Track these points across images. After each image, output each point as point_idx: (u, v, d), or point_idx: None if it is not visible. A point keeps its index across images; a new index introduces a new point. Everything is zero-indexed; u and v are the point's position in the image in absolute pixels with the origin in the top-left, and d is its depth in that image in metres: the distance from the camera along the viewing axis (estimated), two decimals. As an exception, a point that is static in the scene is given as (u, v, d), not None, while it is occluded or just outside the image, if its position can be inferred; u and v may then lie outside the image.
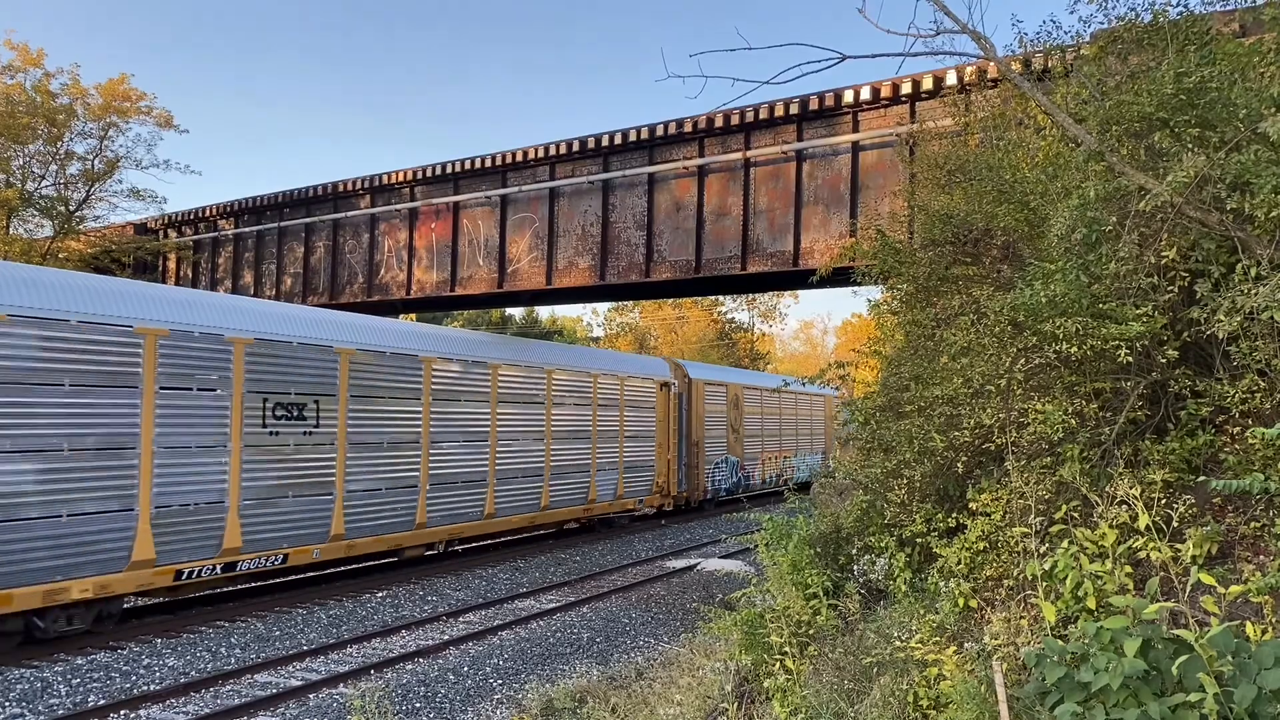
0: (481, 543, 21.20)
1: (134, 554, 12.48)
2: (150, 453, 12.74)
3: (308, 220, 23.33)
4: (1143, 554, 5.08)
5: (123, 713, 9.90)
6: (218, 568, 13.67)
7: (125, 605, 13.36)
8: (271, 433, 14.57)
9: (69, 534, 11.78)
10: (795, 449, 36.87)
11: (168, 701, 10.31)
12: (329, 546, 15.55)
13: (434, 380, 17.96)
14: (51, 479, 11.64)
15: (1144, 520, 5.05)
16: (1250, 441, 5.41)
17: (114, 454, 12.35)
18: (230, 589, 15.43)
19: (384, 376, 16.78)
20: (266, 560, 14.42)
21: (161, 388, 12.95)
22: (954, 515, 7.01)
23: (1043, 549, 5.58)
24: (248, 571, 14.25)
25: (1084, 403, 6.16)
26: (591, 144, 18.50)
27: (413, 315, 36.82)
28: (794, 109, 16.24)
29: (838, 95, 15.83)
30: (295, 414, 15.04)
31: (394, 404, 17.03)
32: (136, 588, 12.66)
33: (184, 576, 13.19)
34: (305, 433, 15.18)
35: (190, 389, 13.39)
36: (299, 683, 10.96)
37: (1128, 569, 5.06)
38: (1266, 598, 4.47)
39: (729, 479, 30.73)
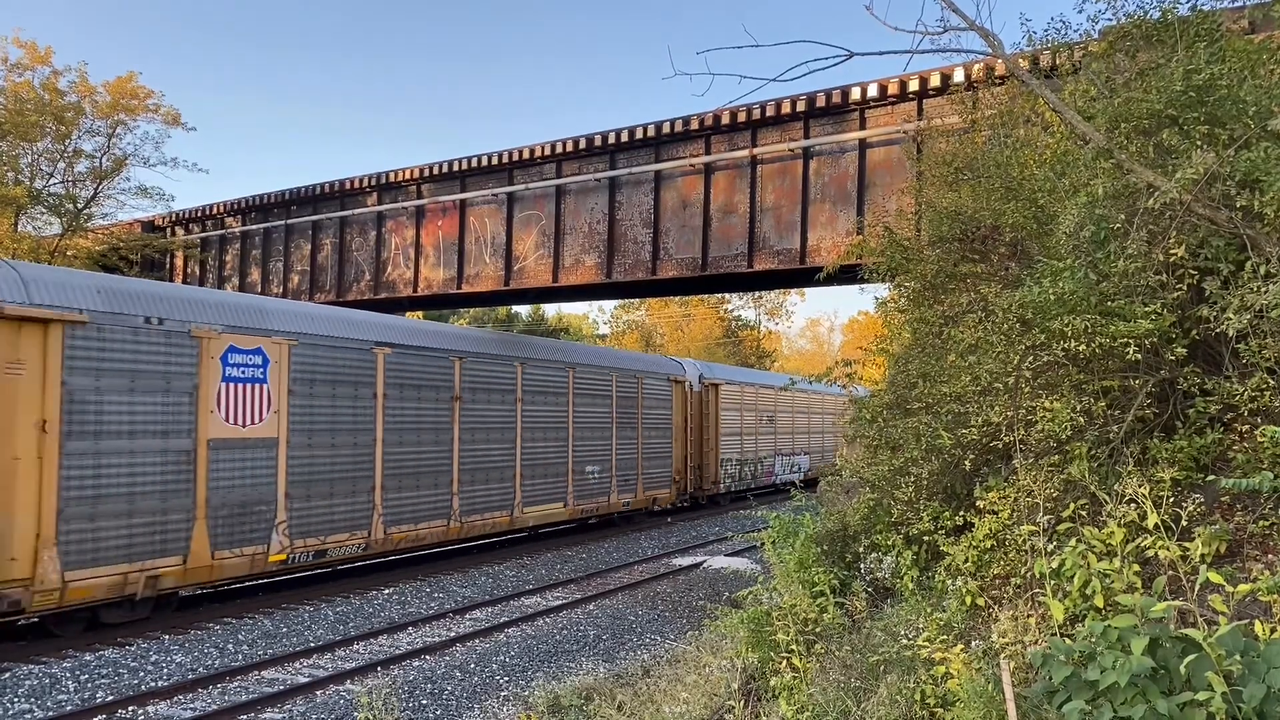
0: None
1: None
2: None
3: (314, 218, 23.36)
4: (1151, 553, 5.06)
5: (130, 709, 9.93)
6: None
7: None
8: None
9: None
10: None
11: (175, 698, 10.35)
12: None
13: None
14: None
15: (1152, 519, 5.03)
16: (1259, 440, 5.39)
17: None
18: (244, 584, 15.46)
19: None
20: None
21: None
22: (961, 513, 7.00)
23: (1050, 547, 5.56)
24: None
25: (1092, 401, 6.14)
26: (598, 142, 18.49)
27: (419, 313, 36.86)
28: (801, 106, 16.21)
29: (845, 92, 15.79)
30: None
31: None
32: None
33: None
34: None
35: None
36: (306, 680, 10.99)
37: (1136, 568, 5.04)
38: (1275, 596, 4.45)
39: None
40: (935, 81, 14.65)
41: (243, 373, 14.02)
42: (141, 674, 11.08)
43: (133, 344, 12.51)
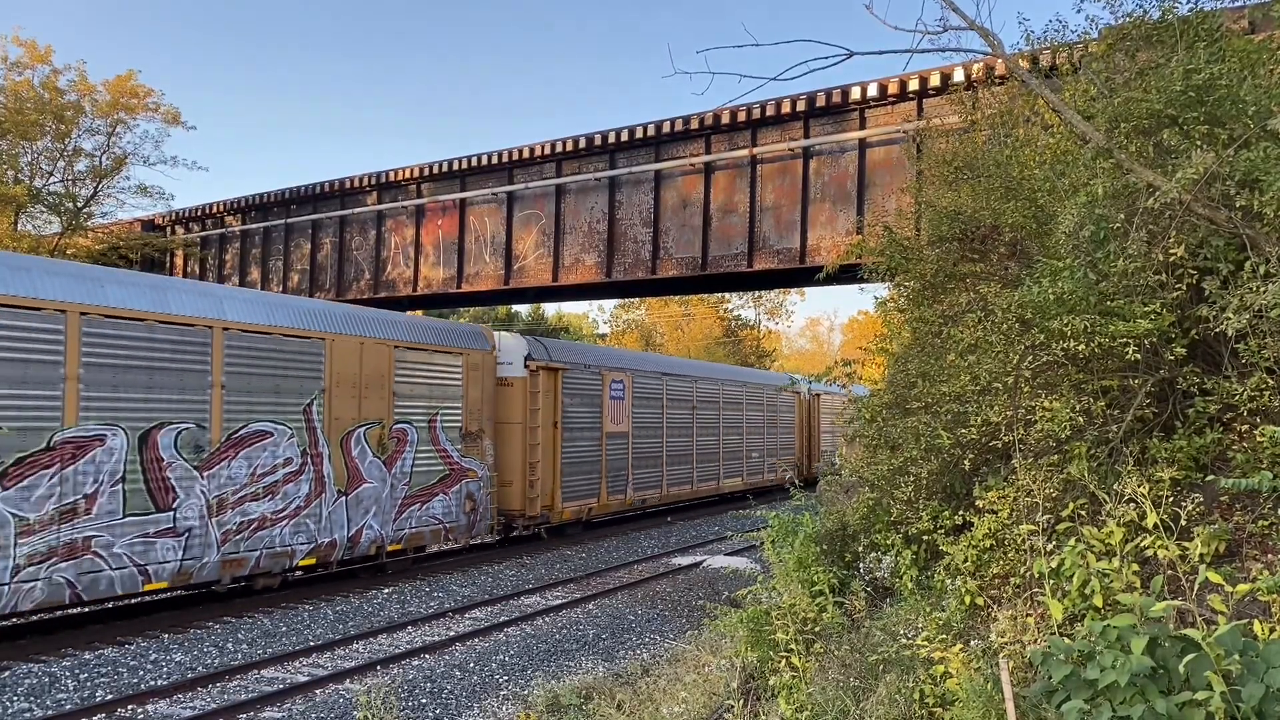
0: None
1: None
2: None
3: (314, 217, 23.37)
4: (1150, 552, 5.06)
5: (130, 708, 9.93)
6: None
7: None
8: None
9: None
10: None
11: (174, 697, 10.35)
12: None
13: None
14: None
15: (1152, 518, 5.03)
16: (1259, 440, 5.39)
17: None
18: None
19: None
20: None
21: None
22: (961, 513, 6.99)
23: (1050, 547, 5.56)
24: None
25: (1091, 400, 6.14)
26: (598, 141, 18.50)
27: (419, 312, 36.83)
28: (801, 106, 16.21)
29: (845, 92, 15.80)
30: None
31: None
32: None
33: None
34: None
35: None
36: (305, 679, 10.99)
37: (1135, 567, 5.04)
38: (1274, 596, 4.45)
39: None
40: (935, 81, 14.66)
41: (616, 394, 23.37)
42: (141, 673, 11.08)
43: (580, 379, 21.81)
